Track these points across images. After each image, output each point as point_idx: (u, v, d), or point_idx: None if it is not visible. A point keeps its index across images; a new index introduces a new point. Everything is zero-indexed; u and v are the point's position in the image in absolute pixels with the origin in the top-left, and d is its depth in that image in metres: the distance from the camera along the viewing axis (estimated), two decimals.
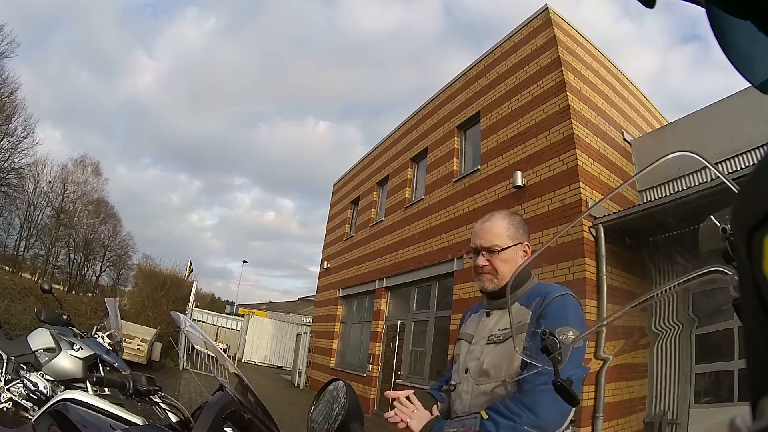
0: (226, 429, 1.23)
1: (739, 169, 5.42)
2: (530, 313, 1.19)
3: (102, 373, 3.15)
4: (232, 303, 37.32)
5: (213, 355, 1.43)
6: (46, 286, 3.72)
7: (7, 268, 19.29)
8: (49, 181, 24.07)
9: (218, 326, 17.48)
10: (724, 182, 0.44)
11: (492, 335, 1.24)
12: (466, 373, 1.25)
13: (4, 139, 19.76)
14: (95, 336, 3.56)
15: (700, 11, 0.33)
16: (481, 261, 1.26)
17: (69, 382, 2.99)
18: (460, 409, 1.23)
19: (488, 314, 1.30)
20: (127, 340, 8.61)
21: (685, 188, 5.29)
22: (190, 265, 15.44)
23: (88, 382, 2.60)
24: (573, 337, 1.01)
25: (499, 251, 1.26)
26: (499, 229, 1.29)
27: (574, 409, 1.06)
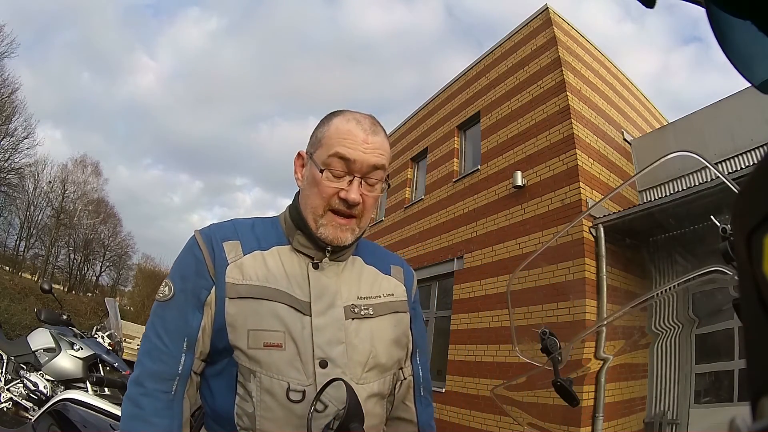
0: None
1: (739, 169, 5.42)
2: (398, 283, 0.93)
3: (102, 373, 3.15)
4: None
5: None
6: (46, 286, 3.73)
7: (7, 268, 19.30)
8: (49, 181, 24.10)
9: None
10: (724, 182, 0.45)
11: (354, 306, 0.83)
12: (324, 367, 0.77)
13: (4, 139, 19.77)
14: (95, 336, 3.57)
15: (700, 12, 0.33)
16: (355, 194, 0.79)
17: (69, 382, 2.99)
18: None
19: (316, 266, 0.83)
20: (127, 340, 8.60)
21: (685, 188, 5.29)
22: None
23: (88, 382, 2.60)
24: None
25: (380, 182, 0.83)
26: (387, 147, 0.85)
27: None
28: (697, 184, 5.13)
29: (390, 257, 0.98)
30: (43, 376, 3.05)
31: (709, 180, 4.59)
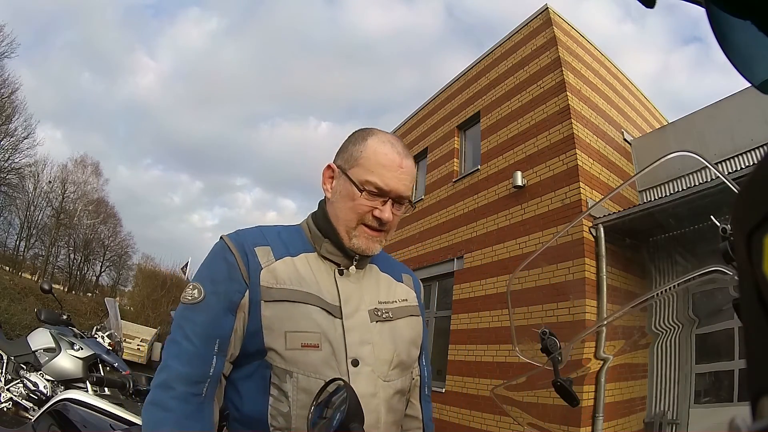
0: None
1: (739, 169, 5.42)
2: (409, 289, 1.00)
3: (102, 373, 3.16)
4: None
5: None
6: (46, 286, 3.73)
7: (7, 268, 19.30)
8: (49, 181, 24.08)
9: None
10: (724, 182, 0.45)
11: (376, 309, 0.89)
12: (356, 366, 0.82)
13: (4, 139, 19.76)
14: (95, 336, 3.57)
15: (700, 12, 0.33)
16: (388, 214, 0.87)
17: (69, 382, 2.99)
18: (366, 423, 0.81)
19: (341, 272, 0.89)
20: (127, 340, 8.61)
21: (685, 188, 5.29)
22: (186, 266, 15.47)
23: (88, 382, 2.60)
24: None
25: (407, 205, 0.92)
26: (415, 170, 0.96)
27: None
28: (697, 184, 5.13)
29: (399, 266, 1.05)
30: (43, 376, 3.05)
31: (709, 180, 4.59)
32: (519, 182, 6.58)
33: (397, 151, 0.88)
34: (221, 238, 0.87)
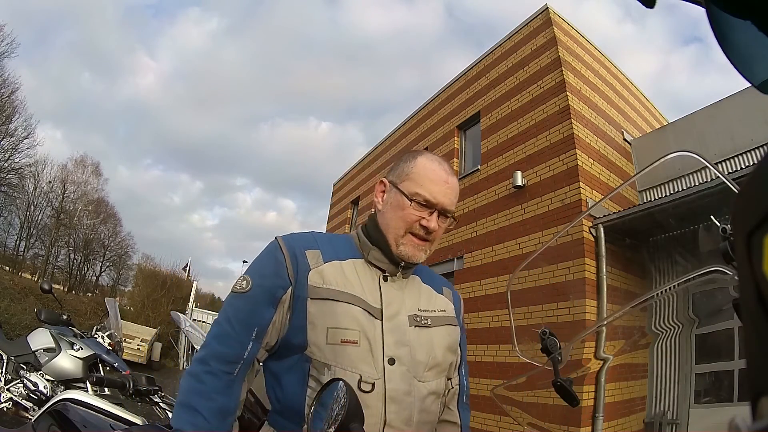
0: None
1: (739, 169, 5.42)
2: (448, 302, 1.06)
3: (102, 373, 3.16)
4: None
5: None
6: (46, 286, 3.73)
7: (7, 268, 19.28)
8: (49, 181, 24.07)
9: None
10: (724, 182, 0.45)
11: (416, 315, 0.95)
12: (392, 364, 0.87)
13: (4, 139, 19.76)
14: (95, 336, 3.57)
15: (701, 12, 0.33)
16: (434, 224, 0.95)
17: (69, 382, 2.99)
18: (399, 419, 0.85)
19: (386, 278, 0.96)
20: (127, 340, 8.61)
21: (685, 188, 5.29)
22: (187, 266, 15.49)
23: (88, 382, 2.60)
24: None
25: (450, 219, 1.00)
26: (458, 188, 1.03)
27: None
28: (697, 184, 5.13)
29: (441, 280, 1.12)
30: (43, 376, 3.05)
31: (709, 180, 4.59)
32: (519, 182, 6.58)
33: (444, 169, 0.98)
34: (276, 238, 0.95)
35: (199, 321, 16.13)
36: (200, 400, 0.83)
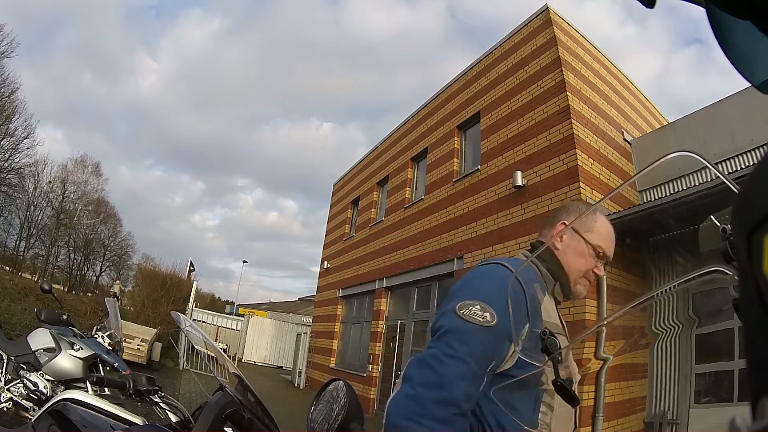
0: (226, 429, 1.23)
1: (739, 169, 5.42)
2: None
3: (102, 373, 3.16)
4: (232, 303, 37.33)
5: (213, 355, 1.42)
6: (46, 286, 3.73)
7: (7, 268, 19.29)
8: (49, 181, 24.08)
9: (218, 326, 17.47)
10: (724, 182, 0.44)
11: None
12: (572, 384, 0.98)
13: (4, 139, 19.77)
14: (95, 336, 3.57)
15: (701, 13, 0.33)
16: (603, 272, 1.13)
17: (69, 382, 2.99)
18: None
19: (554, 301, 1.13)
20: (127, 340, 8.61)
21: (685, 188, 5.28)
22: (191, 265, 15.47)
23: (88, 382, 2.60)
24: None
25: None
26: None
27: None
28: (697, 184, 5.12)
29: None
30: (43, 376, 3.05)
31: (709, 180, 4.59)
32: (519, 182, 6.57)
33: (612, 231, 1.14)
34: (510, 269, 0.98)
35: (199, 321, 16.15)
36: None
